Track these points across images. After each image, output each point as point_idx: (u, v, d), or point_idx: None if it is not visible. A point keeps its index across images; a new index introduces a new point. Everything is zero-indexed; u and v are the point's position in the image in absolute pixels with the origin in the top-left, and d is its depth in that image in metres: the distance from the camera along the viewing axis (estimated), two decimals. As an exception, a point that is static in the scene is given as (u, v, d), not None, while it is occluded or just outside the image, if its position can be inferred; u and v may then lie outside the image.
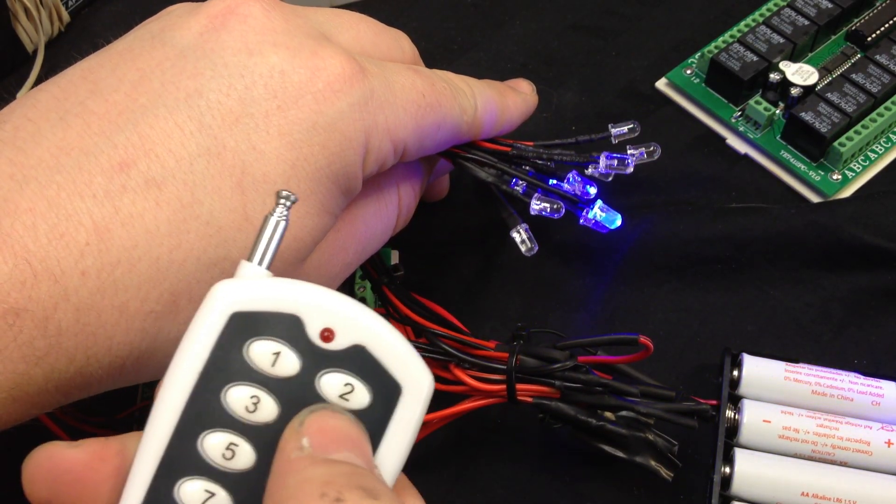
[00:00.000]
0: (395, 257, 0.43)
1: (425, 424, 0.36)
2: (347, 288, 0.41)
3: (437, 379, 0.35)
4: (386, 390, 0.23)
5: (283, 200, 0.24)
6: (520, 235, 0.37)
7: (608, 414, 0.35)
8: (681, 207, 0.44)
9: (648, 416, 0.34)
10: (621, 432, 0.34)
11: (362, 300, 0.41)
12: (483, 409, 0.35)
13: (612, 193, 0.45)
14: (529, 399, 0.34)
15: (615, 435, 0.34)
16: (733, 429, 0.36)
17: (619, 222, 0.38)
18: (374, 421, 0.23)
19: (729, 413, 0.36)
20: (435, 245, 0.44)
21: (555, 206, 0.37)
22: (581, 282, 0.43)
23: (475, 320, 0.42)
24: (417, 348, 0.35)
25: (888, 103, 0.46)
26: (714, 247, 0.43)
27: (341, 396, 0.23)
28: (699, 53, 0.49)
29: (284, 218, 0.24)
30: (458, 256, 0.44)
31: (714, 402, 0.36)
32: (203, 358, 0.23)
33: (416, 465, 0.38)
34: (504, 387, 0.34)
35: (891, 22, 0.48)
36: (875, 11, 0.49)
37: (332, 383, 0.23)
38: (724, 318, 0.42)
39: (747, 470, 0.35)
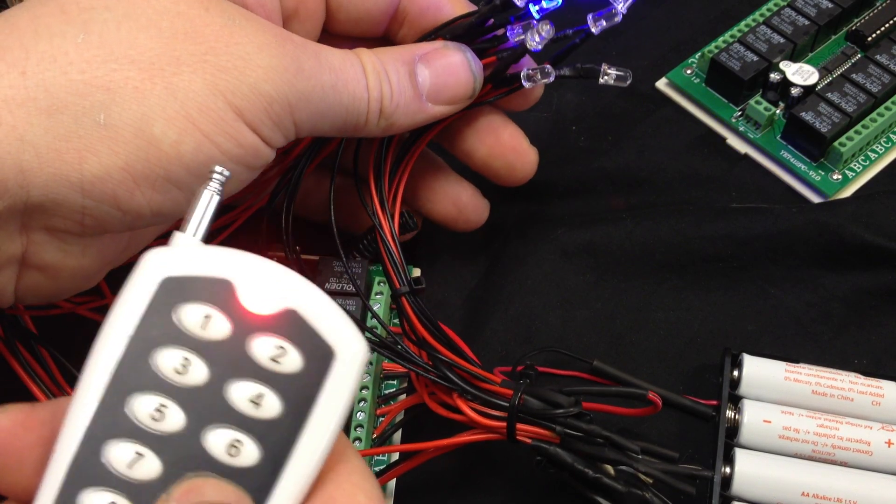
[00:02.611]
0: (415, 274, 0.42)
1: (423, 452, 0.36)
2: (362, 299, 0.40)
3: (441, 404, 0.35)
4: (319, 354, 0.23)
5: (216, 175, 0.25)
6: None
7: (608, 467, 0.34)
8: (681, 207, 0.44)
9: (647, 475, 0.34)
10: (617, 488, 0.34)
11: (361, 318, 0.41)
12: (482, 444, 0.35)
13: (611, 192, 0.45)
14: (528, 440, 0.34)
15: (611, 489, 0.34)
16: (733, 429, 0.36)
17: None
18: (307, 385, 0.23)
19: (729, 413, 0.36)
20: (436, 242, 0.44)
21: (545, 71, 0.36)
22: (582, 279, 0.43)
23: (475, 319, 0.42)
24: (425, 370, 0.35)
25: (888, 103, 0.46)
26: (715, 245, 0.43)
27: (273, 359, 0.23)
28: (699, 53, 0.49)
29: (217, 192, 0.25)
30: (459, 254, 0.44)
31: (714, 402, 0.36)
32: (133, 322, 0.23)
33: (409, 493, 0.38)
34: (504, 424, 0.34)
35: (891, 22, 0.48)
36: (875, 11, 0.49)
37: (263, 346, 0.23)
38: (724, 317, 0.42)
39: (747, 470, 0.35)
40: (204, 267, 0.24)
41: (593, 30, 0.36)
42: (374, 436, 0.38)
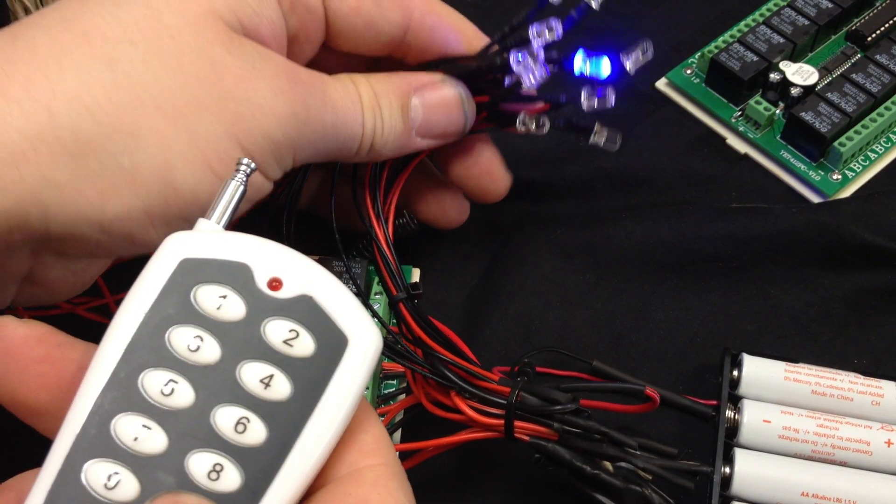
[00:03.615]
0: (415, 275, 0.43)
1: (421, 451, 0.36)
2: (362, 299, 0.40)
3: (437, 404, 0.35)
4: (332, 340, 0.24)
5: (243, 167, 0.26)
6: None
7: (606, 463, 0.34)
8: (681, 206, 0.44)
9: (646, 471, 0.34)
10: (616, 484, 0.34)
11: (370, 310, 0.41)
12: (481, 443, 0.35)
13: (611, 192, 0.45)
14: (526, 438, 0.34)
15: (609, 486, 0.34)
16: (733, 429, 0.36)
17: (607, 66, 0.37)
18: (318, 370, 0.24)
19: (729, 413, 0.36)
20: (436, 241, 0.44)
21: (540, 122, 0.38)
22: (582, 279, 0.43)
23: (475, 319, 0.42)
24: (424, 369, 0.35)
25: (888, 103, 0.46)
26: (715, 245, 0.43)
27: (285, 342, 0.24)
28: (699, 53, 0.49)
29: (243, 183, 0.25)
30: (459, 254, 0.44)
31: (714, 402, 0.36)
32: (150, 300, 0.24)
33: None
34: (502, 422, 0.34)
35: (891, 22, 0.48)
36: (875, 11, 0.49)
37: (276, 329, 0.24)
38: (724, 317, 0.42)
39: (747, 470, 0.35)
40: (223, 250, 0.24)
41: (584, 105, 0.37)
42: (374, 435, 0.38)
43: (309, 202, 0.42)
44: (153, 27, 0.30)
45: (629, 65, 0.36)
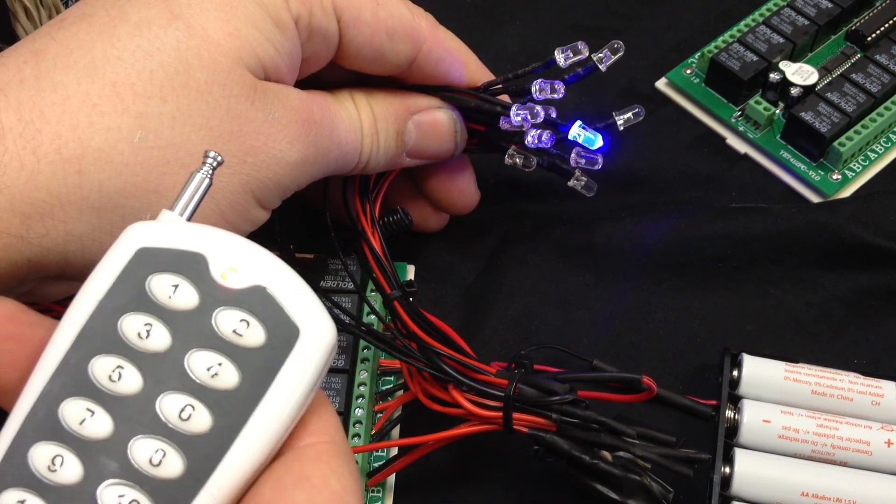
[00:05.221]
0: (410, 273, 0.43)
1: (420, 446, 0.35)
2: (359, 296, 0.40)
3: (435, 399, 0.35)
4: (283, 331, 0.24)
5: (209, 160, 0.26)
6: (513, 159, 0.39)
7: (605, 453, 0.34)
8: (681, 206, 0.44)
9: (645, 460, 0.34)
10: (614, 473, 0.33)
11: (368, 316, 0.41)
12: (479, 436, 0.35)
13: (611, 192, 0.45)
14: (525, 429, 0.34)
15: (608, 475, 0.34)
16: (733, 429, 0.36)
17: (600, 142, 0.39)
18: (268, 360, 0.24)
19: (729, 413, 0.36)
20: (431, 238, 0.44)
21: (531, 160, 0.39)
22: (581, 279, 0.43)
23: (473, 317, 0.42)
24: (421, 363, 0.35)
25: (888, 103, 0.46)
26: (714, 245, 0.43)
27: (235, 332, 0.24)
28: (699, 53, 0.49)
29: (209, 176, 0.26)
30: (460, 252, 0.44)
31: (714, 402, 0.36)
32: (104, 288, 0.24)
33: (408, 487, 0.38)
34: (501, 414, 0.34)
35: (891, 22, 0.48)
36: (875, 11, 0.49)
37: (227, 318, 0.24)
38: (724, 317, 0.42)
39: (747, 470, 0.35)
40: (180, 240, 0.25)
41: (571, 161, 0.39)
42: (373, 432, 0.38)
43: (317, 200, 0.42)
44: (183, 83, 0.31)
45: (602, 66, 0.38)
